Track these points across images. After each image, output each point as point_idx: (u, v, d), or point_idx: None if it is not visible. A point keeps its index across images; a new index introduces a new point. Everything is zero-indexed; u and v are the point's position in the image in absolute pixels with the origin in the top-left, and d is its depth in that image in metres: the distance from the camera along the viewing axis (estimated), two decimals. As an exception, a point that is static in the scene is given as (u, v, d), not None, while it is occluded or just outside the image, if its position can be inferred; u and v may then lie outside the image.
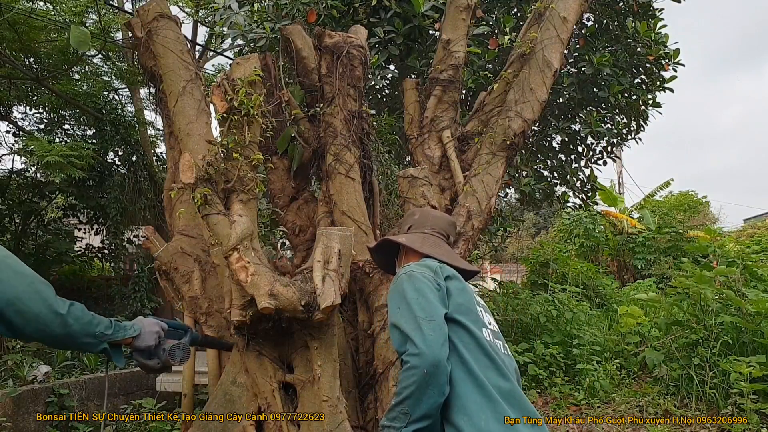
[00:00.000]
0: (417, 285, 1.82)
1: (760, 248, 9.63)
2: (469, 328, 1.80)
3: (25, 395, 5.01)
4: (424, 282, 1.83)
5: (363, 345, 3.14)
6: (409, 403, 1.65)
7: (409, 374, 1.65)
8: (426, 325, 1.70)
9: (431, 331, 1.69)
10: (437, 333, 1.70)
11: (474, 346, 1.78)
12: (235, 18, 5.91)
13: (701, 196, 20.47)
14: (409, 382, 1.64)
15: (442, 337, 1.70)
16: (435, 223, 2.25)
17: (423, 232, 2.20)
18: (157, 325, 2.08)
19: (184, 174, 2.43)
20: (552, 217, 19.34)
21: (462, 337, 1.79)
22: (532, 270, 10.58)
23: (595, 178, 7.99)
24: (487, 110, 3.75)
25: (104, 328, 1.88)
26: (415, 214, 2.34)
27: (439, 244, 2.17)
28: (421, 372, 1.62)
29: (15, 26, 7.57)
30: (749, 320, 5.50)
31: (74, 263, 10.22)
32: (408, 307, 1.77)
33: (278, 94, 3.34)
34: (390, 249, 2.29)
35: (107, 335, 1.89)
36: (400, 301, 1.82)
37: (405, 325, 1.73)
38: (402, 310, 1.79)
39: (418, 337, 1.67)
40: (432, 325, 1.71)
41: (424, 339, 1.66)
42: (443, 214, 2.47)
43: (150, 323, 2.07)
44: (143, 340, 2.01)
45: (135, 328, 2.00)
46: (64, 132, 10.27)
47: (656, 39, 6.59)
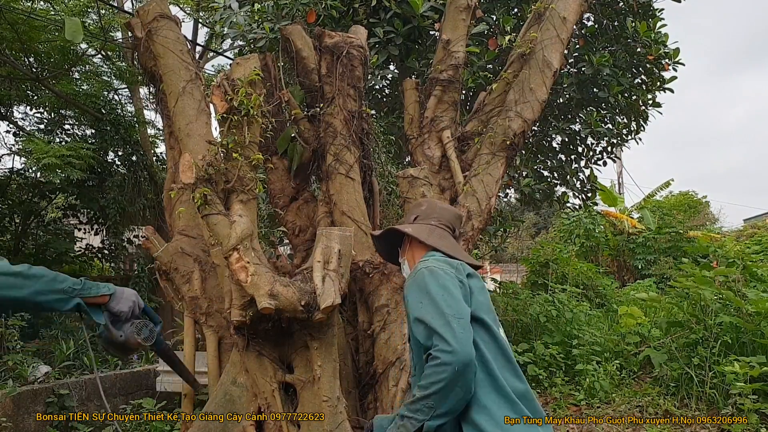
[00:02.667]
0: (441, 281, 1.80)
1: (760, 248, 9.62)
2: (490, 328, 1.80)
3: (25, 395, 5.01)
4: (448, 278, 1.81)
5: (363, 345, 3.14)
6: (436, 398, 1.65)
7: (439, 370, 1.63)
8: (456, 323, 1.68)
9: (461, 329, 1.68)
10: (467, 331, 1.69)
11: (494, 345, 1.79)
12: (235, 18, 5.91)
13: (702, 196, 20.52)
14: (438, 378, 1.63)
15: (471, 336, 1.70)
16: (441, 215, 2.23)
17: (429, 223, 2.18)
18: (136, 296, 1.98)
19: (184, 174, 2.43)
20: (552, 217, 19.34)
21: (483, 336, 1.79)
22: (532, 270, 10.57)
23: (595, 179, 7.99)
24: (487, 110, 3.75)
25: (73, 284, 1.81)
26: (422, 204, 2.31)
27: (445, 237, 2.15)
28: (452, 369, 1.62)
29: (15, 26, 7.57)
30: (749, 320, 5.51)
31: (74, 263, 10.22)
32: (433, 302, 1.75)
33: (278, 94, 3.35)
34: (393, 238, 2.28)
35: (77, 290, 1.81)
36: (423, 296, 1.79)
37: (433, 320, 1.70)
38: (426, 305, 1.76)
39: (449, 333, 1.66)
40: (461, 323, 1.69)
41: (455, 337, 1.65)
42: (450, 206, 2.45)
43: (129, 292, 1.97)
44: (118, 301, 1.91)
45: (109, 287, 1.91)
46: (64, 132, 10.27)
47: (656, 39, 6.58)
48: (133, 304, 1.96)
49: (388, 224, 4.10)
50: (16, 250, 9.43)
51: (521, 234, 19.82)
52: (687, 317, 6.14)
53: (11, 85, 9.01)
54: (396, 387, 2.81)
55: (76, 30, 3.36)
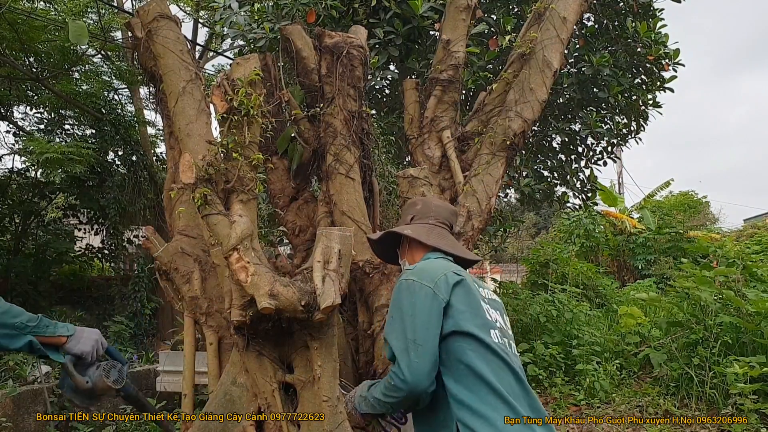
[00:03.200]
0: (414, 299, 1.79)
1: (760, 248, 9.62)
2: (477, 336, 1.78)
3: (25, 395, 5.01)
4: (422, 296, 1.79)
5: (363, 345, 3.14)
6: (388, 407, 1.84)
7: (393, 391, 1.77)
8: (413, 351, 1.72)
9: (417, 357, 1.71)
10: (423, 360, 1.72)
11: (485, 351, 1.78)
12: (235, 18, 5.91)
13: (702, 196, 20.51)
14: (392, 395, 1.79)
15: (428, 364, 1.72)
16: (438, 212, 2.21)
17: (427, 222, 2.17)
18: (98, 335, 1.81)
19: (184, 174, 2.43)
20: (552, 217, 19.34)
21: (470, 345, 1.78)
22: (532, 270, 10.57)
23: (595, 179, 7.99)
24: (487, 110, 3.74)
25: (26, 320, 1.65)
26: (417, 204, 2.30)
27: (444, 235, 2.14)
28: (403, 395, 1.74)
29: (15, 26, 7.57)
30: (749, 320, 5.51)
31: (74, 263, 10.22)
32: (401, 322, 1.78)
33: (278, 94, 3.34)
34: (392, 240, 2.27)
35: (30, 326, 1.64)
36: (395, 312, 1.83)
37: (395, 342, 1.78)
38: (395, 324, 1.81)
39: (404, 362, 1.72)
40: (419, 351, 1.72)
41: (410, 366, 1.71)
42: (445, 203, 2.44)
43: (90, 331, 1.81)
44: (78, 342, 1.73)
45: (69, 328, 1.75)
46: (64, 132, 10.27)
47: (656, 39, 6.58)
48: (95, 343, 1.79)
49: (388, 224, 4.10)
50: (16, 250, 9.44)
51: (521, 234, 19.82)
52: (687, 317, 6.15)
53: (11, 85, 9.02)
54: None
55: (81, 33, 3.36)
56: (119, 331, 8.45)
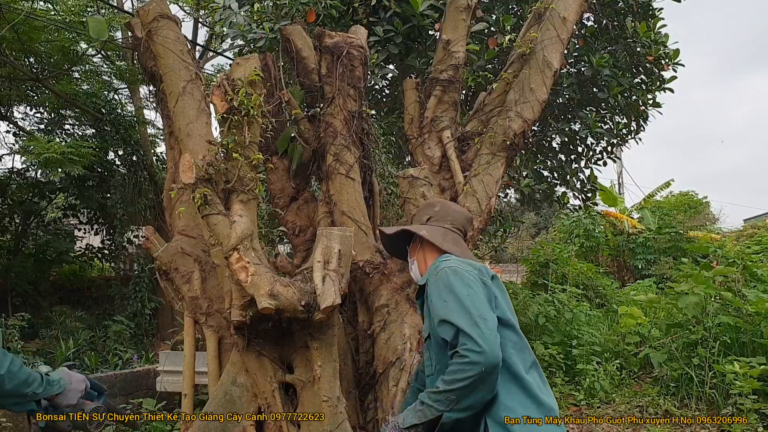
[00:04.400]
0: (465, 280, 1.81)
1: (760, 248, 9.61)
2: (516, 329, 1.82)
3: (25, 395, 5.01)
4: (472, 279, 1.82)
5: (363, 345, 3.14)
6: (459, 393, 1.67)
7: (466, 368, 1.65)
8: (482, 324, 1.70)
9: (488, 330, 1.69)
10: (494, 333, 1.70)
11: (521, 346, 1.81)
12: (235, 18, 5.91)
13: (703, 197, 20.54)
14: (464, 375, 1.65)
15: (497, 337, 1.71)
16: (455, 218, 2.21)
17: (443, 226, 2.16)
18: (83, 383, 1.97)
19: (184, 174, 2.43)
20: (552, 217, 19.34)
21: (510, 337, 1.80)
22: (532, 270, 10.56)
23: (595, 179, 7.99)
24: (487, 110, 3.74)
25: (36, 387, 1.78)
26: (436, 206, 2.29)
27: (458, 242, 2.15)
28: (479, 369, 1.64)
29: (15, 26, 7.57)
30: (749, 321, 5.50)
31: (74, 263, 10.22)
32: (458, 302, 1.75)
33: (278, 94, 3.34)
34: (403, 236, 2.27)
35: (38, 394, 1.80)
36: (447, 295, 1.80)
37: (459, 320, 1.71)
38: (451, 304, 1.76)
39: (476, 333, 1.67)
40: (487, 324, 1.71)
41: (484, 337, 1.66)
42: (462, 209, 2.43)
43: (77, 380, 1.95)
44: (66, 398, 1.91)
45: (60, 384, 1.88)
46: (64, 132, 10.27)
47: (656, 39, 6.58)
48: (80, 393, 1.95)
49: (388, 224, 4.10)
50: (16, 250, 9.44)
51: (521, 234, 19.82)
52: (687, 317, 6.14)
53: (11, 85, 9.01)
54: (396, 387, 2.81)
55: (101, 28, 3.38)
56: (119, 331, 8.45)
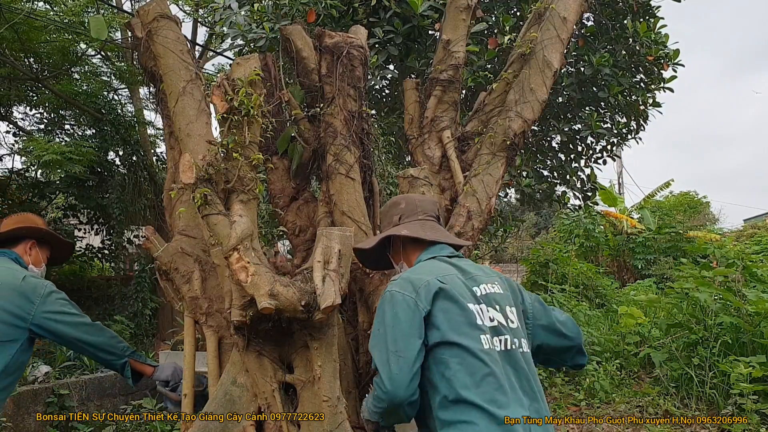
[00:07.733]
0: (395, 309, 1.79)
1: (760, 248, 9.62)
2: (462, 345, 1.74)
3: (25, 395, 5.01)
4: (403, 308, 1.78)
5: (363, 345, 3.14)
6: (378, 416, 1.83)
7: (376, 399, 1.78)
8: (394, 362, 1.72)
9: (398, 369, 1.71)
10: (404, 371, 1.71)
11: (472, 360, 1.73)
12: (234, 18, 5.91)
13: (703, 197, 20.55)
14: (376, 404, 1.80)
15: (408, 374, 1.71)
16: (424, 207, 2.20)
17: (417, 219, 2.15)
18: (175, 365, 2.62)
19: (184, 174, 2.43)
20: (552, 217, 19.34)
21: (456, 355, 1.74)
22: (532, 270, 10.57)
23: (595, 178, 7.99)
24: (487, 110, 3.74)
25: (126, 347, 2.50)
26: (401, 203, 2.25)
27: (436, 228, 2.15)
28: (385, 405, 1.75)
29: (15, 26, 7.57)
30: (749, 321, 5.51)
31: (74, 263, 10.21)
32: (383, 334, 1.79)
33: (278, 94, 3.34)
34: (382, 247, 2.24)
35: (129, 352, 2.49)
36: (378, 324, 1.84)
37: (377, 354, 1.79)
38: (378, 336, 1.81)
39: (385, 373, 1.72)
40: (400, 362, 1.71)
41: (391, 378, 1.71)
42: (425, 196, 2.47)
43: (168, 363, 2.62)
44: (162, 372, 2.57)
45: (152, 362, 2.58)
46: (64, 132, 10.27)
47: (656, 39, 6.59)
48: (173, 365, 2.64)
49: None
50: (16, 250, 9.40)
51: (521, 234, 19.83)
52: (687, 318, 6.14)
53: (11, 85, 9.01)
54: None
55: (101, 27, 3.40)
56: (120, 330, 8.44)
